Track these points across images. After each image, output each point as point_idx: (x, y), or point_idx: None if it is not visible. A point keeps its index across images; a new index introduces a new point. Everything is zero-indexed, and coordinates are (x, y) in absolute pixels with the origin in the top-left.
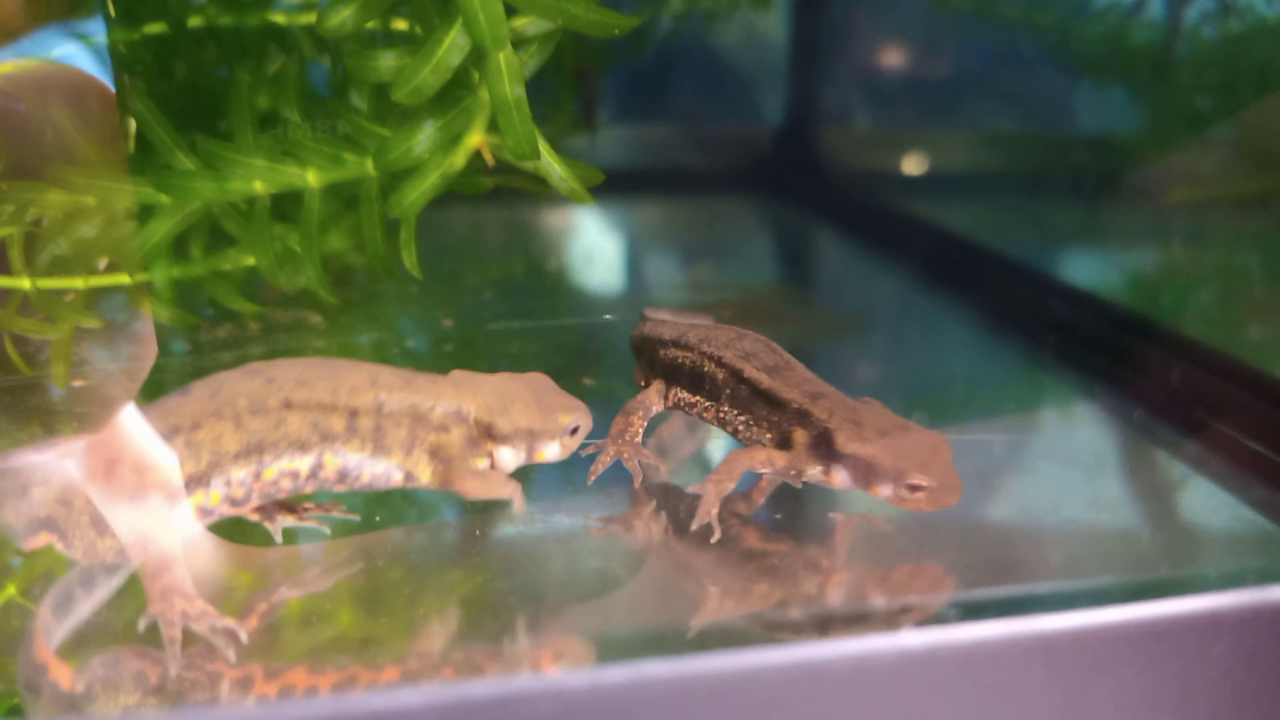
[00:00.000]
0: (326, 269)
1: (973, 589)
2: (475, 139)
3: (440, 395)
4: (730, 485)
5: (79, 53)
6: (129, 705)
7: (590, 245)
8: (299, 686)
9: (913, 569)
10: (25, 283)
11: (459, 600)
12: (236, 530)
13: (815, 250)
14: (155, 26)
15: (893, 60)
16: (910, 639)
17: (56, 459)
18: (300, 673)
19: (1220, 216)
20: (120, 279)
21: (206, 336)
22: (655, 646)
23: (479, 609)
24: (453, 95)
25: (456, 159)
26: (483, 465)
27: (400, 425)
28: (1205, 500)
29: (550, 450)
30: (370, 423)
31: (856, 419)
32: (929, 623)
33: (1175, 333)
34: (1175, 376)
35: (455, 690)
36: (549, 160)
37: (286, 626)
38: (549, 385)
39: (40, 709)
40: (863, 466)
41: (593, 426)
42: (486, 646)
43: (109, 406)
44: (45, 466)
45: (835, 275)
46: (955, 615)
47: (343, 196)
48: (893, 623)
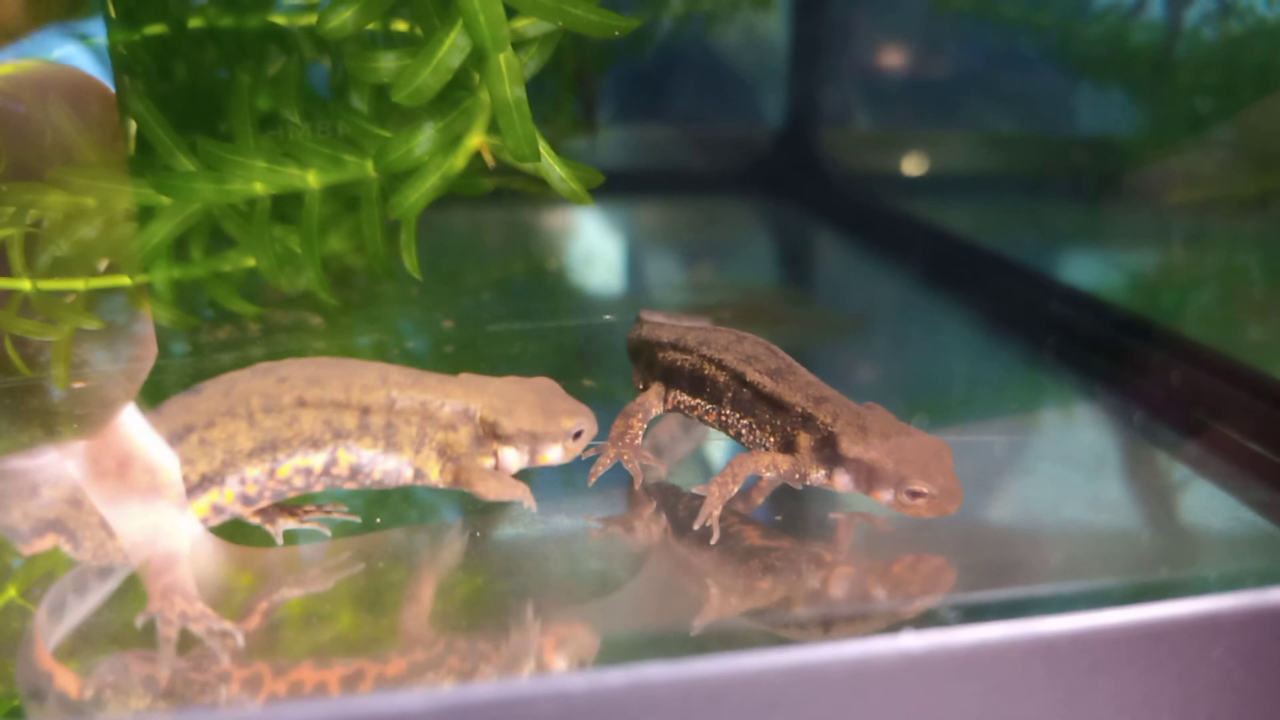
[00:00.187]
0: (327, 270)
1: (973, 590)
2: (475, 140)
3: (449, 394)
4: (734, 488)
5: (79, 54)
6: (135, 710)
7: (590, 246)
8: (307, 683)
9: (914, 559)
10: (26, 284)
11: (459, 600)
12: (237, 531)
13: (815, 251)
14: (155, 27)
15: (893, 61)
16: (910, 641)
17: (65, 460)
18: (306, 668)
19: (1220, 217)
20: (120, 280)
21: (206, 338)
22: (655, 647)
23: (479, 609)
24: (453, 97)
25: (457, 160)
26: (488, 465)
27: (411, 423)
28: (1205, 502)
29: (553, 453)
30: (382, 420)
31: (861, 424)
32: (929, 623)
33: (1175, 334)
34: (1175, 377)
35: (456, 693)
36: (549, 161)
37: (287, 627)
38: (555, 390)
39: (44, 716)
40: (865, 471)
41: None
42: (487, 646)
43: (109, 408)
44: (54, 467)
45: (835, 276)
46: (955, 617)
47: (343, 198)
48: (893, 617)
